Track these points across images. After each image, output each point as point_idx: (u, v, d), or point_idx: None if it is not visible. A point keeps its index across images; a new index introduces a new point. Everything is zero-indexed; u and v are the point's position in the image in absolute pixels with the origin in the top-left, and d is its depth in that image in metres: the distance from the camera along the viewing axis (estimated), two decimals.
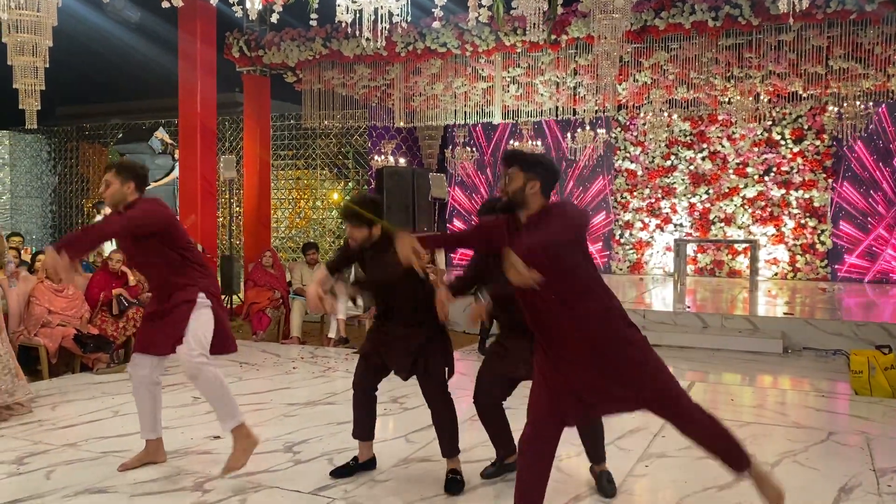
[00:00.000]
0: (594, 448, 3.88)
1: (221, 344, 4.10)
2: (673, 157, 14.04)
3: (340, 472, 4.03)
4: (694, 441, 3.03)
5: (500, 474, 4.02)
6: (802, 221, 13.18)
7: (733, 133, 13.52)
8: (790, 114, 13.05)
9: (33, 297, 6.63)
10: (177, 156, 10.98)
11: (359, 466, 4.08)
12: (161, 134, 10.86)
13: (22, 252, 8.71)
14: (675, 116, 12.76)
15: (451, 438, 3.90)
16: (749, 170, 13.52)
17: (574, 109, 10.97)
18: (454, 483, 3.81)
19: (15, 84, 5.59)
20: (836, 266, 12.97)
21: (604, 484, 3.82)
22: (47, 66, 5.56)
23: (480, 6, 5.60)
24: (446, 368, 3.91)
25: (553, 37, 8.81)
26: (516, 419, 4.97)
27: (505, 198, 2.98)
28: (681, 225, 14.04)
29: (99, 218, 12.68)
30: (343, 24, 5.17)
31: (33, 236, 16.92)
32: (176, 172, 10.69)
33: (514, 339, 3.75)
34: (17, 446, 4.55)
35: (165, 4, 5.82)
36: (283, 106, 15.30)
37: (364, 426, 4.07)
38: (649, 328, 8.51)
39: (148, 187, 4.18)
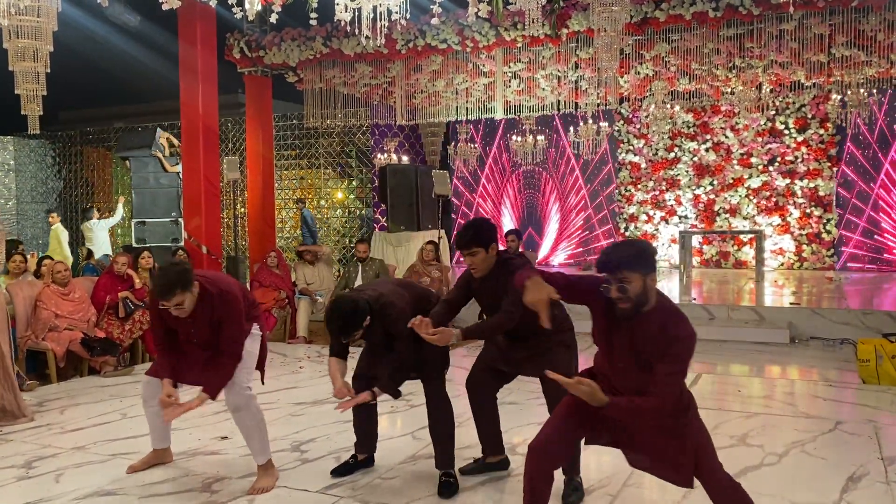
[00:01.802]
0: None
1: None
2: (676, 149, 14.00)
3: (340, 471, 4.04)
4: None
5: (480, 472, 4.01)
6: (808, 211, 13.13)
7: (737, 123, 13.47)
8: (793, 103, 12.99)
9: (40, 302, 6.66)
10: (157, 154, 10.98)
11: (358, 465, 4.10)
12: (164, 135, 10.87)
13: (29, 257, 8.74)
14: (677, 108, 12.71)
15: (447, 447, 3.88)
16: (753, 160, 13.47)
17: (576, 103, 10.94)
18: (447, 486, 3.79)
19: (17, 90, 5.60)
20: (843, 252, 12.93)
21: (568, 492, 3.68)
22: (48, 70, 5.56)
23: (480, 1, 5.58)
24: (443, 368, 3.92)
25: (553, 30, 8.79)
26: (522, 416, 4.99)
27: (628, 304, 2.73)
28: (686, 217, 14.00)
29: (94, 222, 12.59)
30: (342, 23, 5.17)
31: (39, 241, 16.97)
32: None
33: (509, 340, 3.79)
34: (26, 450, 4.58)
35: (166, 6, 5.84)
36: (285, 106, 15.31)
37: (368, 441, 4.14)
38: None
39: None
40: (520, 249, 8.73)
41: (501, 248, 3.82)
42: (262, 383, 4.24)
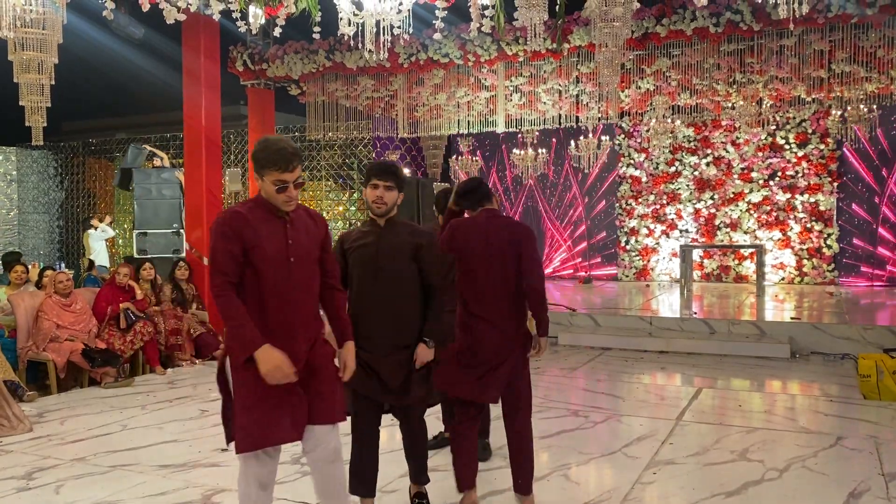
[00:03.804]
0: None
1: None
2: (677, 163, 14.03)
3: None
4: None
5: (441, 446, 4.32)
6: (808, 225, 13.15)
7: (737, 138, 13.51)
8: (794, 118, 13.04)
9: (41, 312, 6.67)
10: (157, 163, 11.04)
11: None
12: (145, 146, 10.92)
13: (30, 268, 8.75)
14: (678, 122, 12.77)
15: (423, 464, 3.76)
16: (754, 174, 13.50)
17: (577, 117, 10.99)
18: None
19: (21, 101, 5.63)
20: (844, 270, 12.94)
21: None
22: (53, 82, 5.60)
23: (483, 17, 5.63)
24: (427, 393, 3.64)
25: (557, 44, 8.83)
26: None
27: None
28: (686, 231, 14.02)
29: (91, 231, 12.60)
30: (345, 37, 5.21)
31: (41, 252, 16.99)
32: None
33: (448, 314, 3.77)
34: (27, 461, 4.57)
35: (170, 20, 5.88)
36: (287, 118, 15.38)
37: (371, 482, 3.62)
38: (656, 334, 8.50)
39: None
40: None
41: None
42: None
